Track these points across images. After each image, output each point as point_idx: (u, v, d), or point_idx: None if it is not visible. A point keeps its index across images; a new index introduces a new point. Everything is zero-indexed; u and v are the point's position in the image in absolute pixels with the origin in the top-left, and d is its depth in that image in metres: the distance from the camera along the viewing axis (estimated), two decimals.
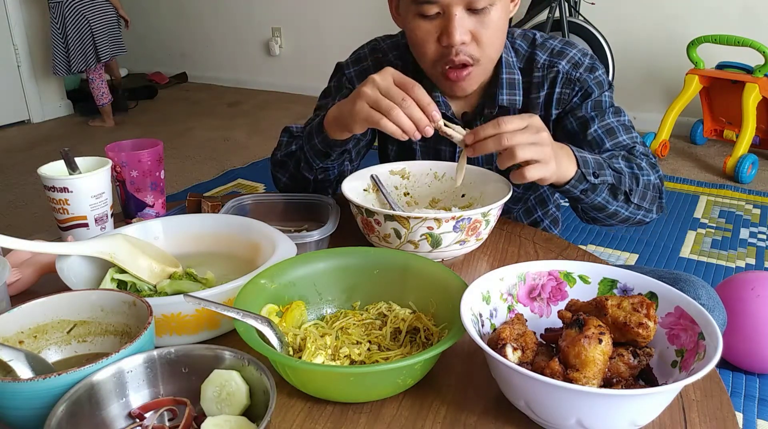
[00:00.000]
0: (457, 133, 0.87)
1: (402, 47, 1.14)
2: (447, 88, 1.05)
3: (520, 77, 1.08)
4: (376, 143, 1.22)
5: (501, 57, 1.06)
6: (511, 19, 1.04)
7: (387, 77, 0.85)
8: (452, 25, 0.94)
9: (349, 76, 1.16)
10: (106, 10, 4.05)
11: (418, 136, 0.85)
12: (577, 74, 1.06)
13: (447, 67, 1.00)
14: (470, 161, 1.13)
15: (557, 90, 1.07)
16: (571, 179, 0.91)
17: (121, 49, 4.23)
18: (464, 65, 0.99)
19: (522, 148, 0.81)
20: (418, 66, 1.08)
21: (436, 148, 1.15)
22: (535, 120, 0.84)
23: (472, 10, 0.94)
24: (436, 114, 0.84)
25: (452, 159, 1.13)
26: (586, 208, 1.01)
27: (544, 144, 0.83)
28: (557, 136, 0.91)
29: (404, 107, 0.83)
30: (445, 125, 0.87)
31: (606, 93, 1.07)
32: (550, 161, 0.85)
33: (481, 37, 0.97)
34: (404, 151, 1.18)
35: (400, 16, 1.04)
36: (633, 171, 1.00)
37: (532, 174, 0.83)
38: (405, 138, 0.85)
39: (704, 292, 0.99)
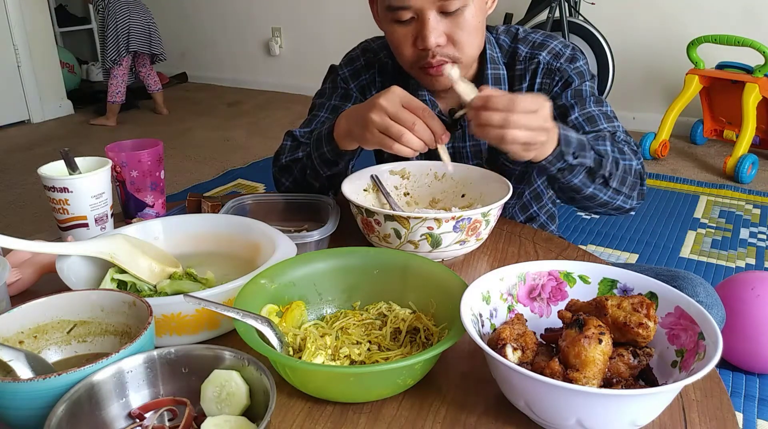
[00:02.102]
0: (467, 92, 0.85)
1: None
2: (428, 83, 1.06)
3: (505, 72, 1.09)
4: None
5: (486, 53, 1.07)
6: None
7: (394, 100, 0.85)
8: (426, 29, 0.95)
9: (343, 76, 1.17)
10: (145, 11, 4.18)
11: (425, 150, 0.86)
12: (558, 64, 1.07)
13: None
14: (463, 158, 1.13)
15: (538, 80, 1.08)
16: (548, 156, 0.89)
17: (150, 47, 4.24)
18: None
19: (515, 133, 0.80)
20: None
21: None
22: (547, 107, 0.82)
23: (445, 12, 0.95)
24: (445, 137, 0.86)
25: (450, 156, 1.14)
26: (564, 189, 1.00)
27: (541, 131, 0.82)
28: None
29: (415, 131, 0.84)
30: (460, 80, 0.87)
31: (587, 83, 1.08)
32: (536, 147, 0.84)
33: (457, 37, 0.97)
34: None
35: (381, 20, 1.05)
36: (615, 155, 0.99)
37: (513, 149, 0.83)
38: (414, 155, 0.86)
39: (702, 289, 0.99)
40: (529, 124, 0.80)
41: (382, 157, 1.22)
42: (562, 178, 0.95)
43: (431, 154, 1.16)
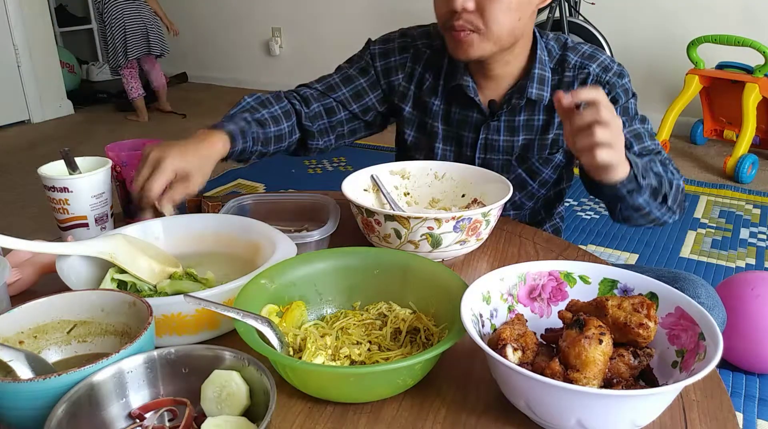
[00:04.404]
0: None
1: (432, 35, 1.15)
2: (452, 48, 1.05)
3: (550, 75, 1.10)
4: (373, 142, 1.23)
5: (536, 53, 1.08)
6: None
7: (167, 166, 0.91)
8: None
9: (372, 52, 1.18)
10: (141, 9, 4.15)
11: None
12: (607, 77, 1.08)
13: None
14: (469, 160, 1.13)
15: None
16: (624, 179, 0.89)
17: (150, 49, 4.23)
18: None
19: (601, 131, 0.80)
20: (446, 50, 1.08)
21: (459, 133, 1.15)
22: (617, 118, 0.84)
23: None
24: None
25: (474, 145, 1.13)
26: (625, 208, 1.00)
27: (620, 131, 0.83)
28: None
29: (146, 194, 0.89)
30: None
31: (631, 101, 1.10)
32: (619, 147, 0.84)
33: (485, 8, 0.97)
34: (424, 135, 1.18)
35: None
36: (668, 175, 1.01)
37: (602, 157, 0.82)
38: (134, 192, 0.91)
39: (704, 290, 0.99)
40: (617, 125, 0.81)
41: (403, 141, 1.21)
42: (629, 198, 0.95)
43: (454, 140, 1.16)
